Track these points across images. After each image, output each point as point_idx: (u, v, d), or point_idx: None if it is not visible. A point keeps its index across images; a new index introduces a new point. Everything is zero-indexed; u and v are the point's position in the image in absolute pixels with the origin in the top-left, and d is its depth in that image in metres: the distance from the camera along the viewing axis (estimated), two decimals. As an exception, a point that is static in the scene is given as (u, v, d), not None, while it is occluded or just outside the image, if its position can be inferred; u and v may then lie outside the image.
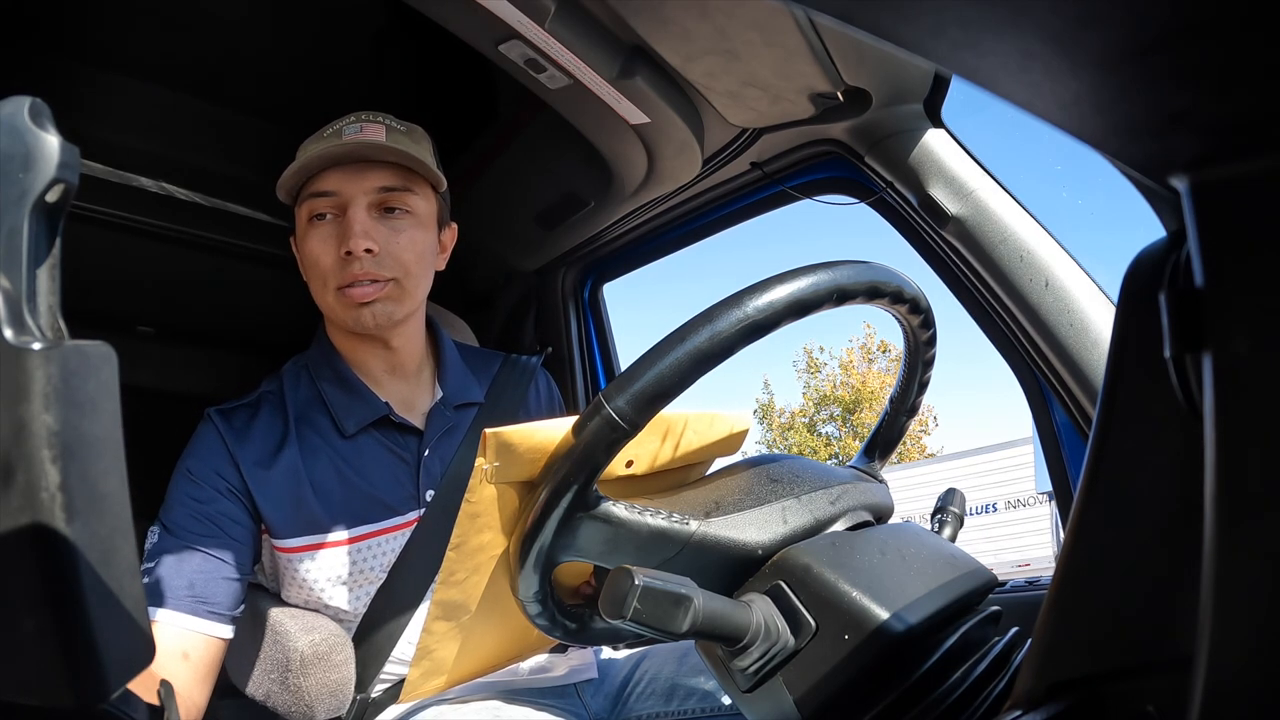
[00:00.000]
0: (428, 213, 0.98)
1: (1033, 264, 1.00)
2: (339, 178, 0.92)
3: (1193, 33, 0.23)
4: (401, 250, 0.94)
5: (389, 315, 0.94)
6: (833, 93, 1.02)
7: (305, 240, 0.95)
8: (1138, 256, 0.36)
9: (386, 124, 0.95)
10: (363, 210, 0.92)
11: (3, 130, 0.28)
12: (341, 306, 0.94)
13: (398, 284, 0.94)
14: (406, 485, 0.97)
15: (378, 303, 0.93)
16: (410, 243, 0.94)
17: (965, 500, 0.81)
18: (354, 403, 0.98)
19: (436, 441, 1.01)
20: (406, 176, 0.95)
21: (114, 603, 0.28)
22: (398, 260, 0.93)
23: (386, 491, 0.96)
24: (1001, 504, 11.95)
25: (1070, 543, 0.39)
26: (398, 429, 0.99)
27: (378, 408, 0.98)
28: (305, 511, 0.92)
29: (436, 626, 0.66)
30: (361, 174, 0.92)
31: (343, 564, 0.93)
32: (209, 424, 0.95)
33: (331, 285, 0.93)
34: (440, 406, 1.03)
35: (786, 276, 0.53)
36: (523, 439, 0.55)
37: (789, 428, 18.04)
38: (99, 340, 0.28)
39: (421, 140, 0.99)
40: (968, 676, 0.56)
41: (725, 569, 0.60)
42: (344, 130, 0.94)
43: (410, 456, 0.99)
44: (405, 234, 0.94)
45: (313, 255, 0.94)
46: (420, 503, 0.97)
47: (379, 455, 0.97)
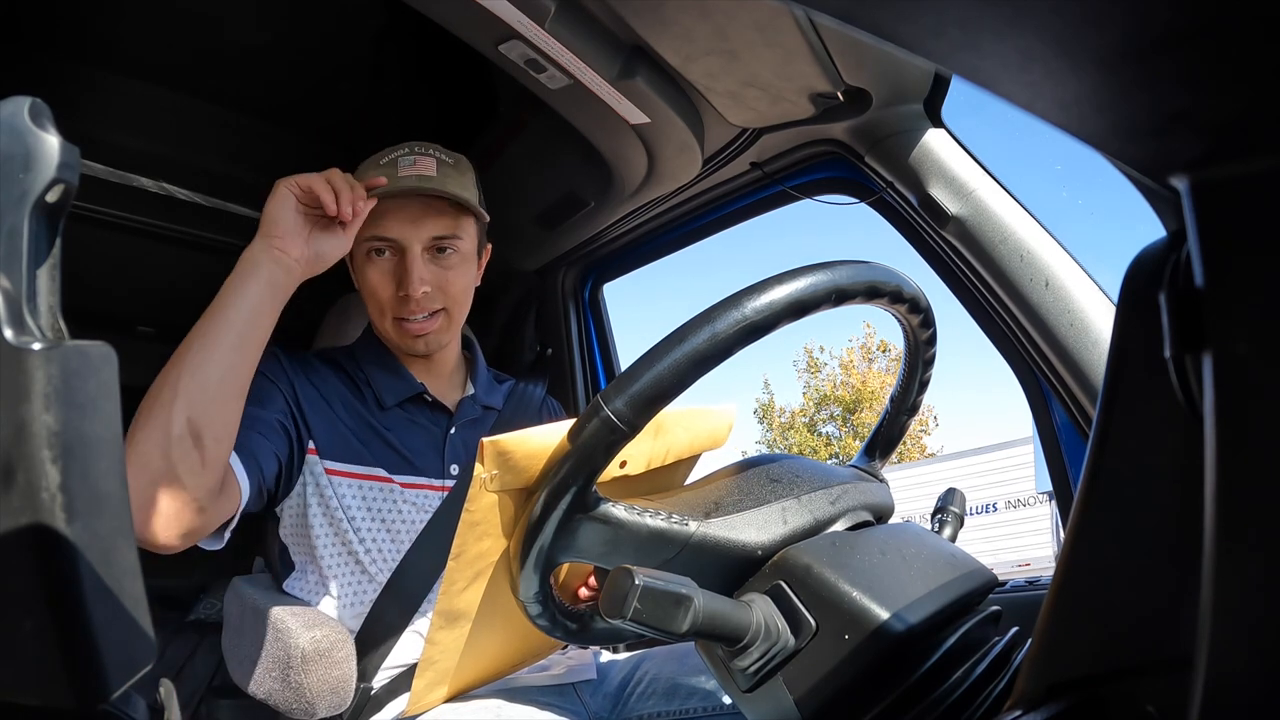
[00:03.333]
0: (472, 248, 1.09)
1: (1033, 264, 1.00)
2: (398, 225, 1.02)
3: (1193, 33, 0.23)
4: (451, 285, 1.06)
5: (440, 343, 1.08)
6: (833, 93, 1.02)
7: (363, 272, 1.05)
8: (1138, 256, 0.36)
9: (437, 157, 1.04)
10: (419, 257, 1.02)
11: (3, 130, 0.28)
12: (398, 335, 1.07)
13: (447, 314, 1.07)
14: (434, 455, 1.08)
15: (430, 335, 1.06)
16: (459, 278, 1.07)
17: (965, 500, 0.81)
18: (394, 381, 1.09)
19: (464, 424, 1.12)
20: (457, 221, 1.05)
21: (114, 603, 0.28)
22: (448, 294, 1.06)
23: (416, 455, 1.07)
24: (1001, 504, 11.95)
25: (1070, 543, 0.39)
26: (429, 406, 1.11)
27: (415, 385, 1.10)
28: (350, 443, 1.02)
29: (439, 637, 0.66)
30: (419, 223, 1.02)
31: (380, 500, 1.01)
32: (271, 351, 0.99)
33: (389, 315, 1.06)
34: (470, 400, 1.15)
35: (785, 277, 0.53)
36: (519, 446, 0.56)
37: (789, 427, 18.03)
38: (99, 340, 0.28)
39: (467, 171, 1.07)
40: (968, 676, 0.56)
41: (725, 569, 0.60)
42: (399, 161, 1.01)
43: (440, 431, 1.10)
44: (454, 270, 1.06)
45: (371, 286, 1.05)
46: (445, 473, 1.07)
47: (411, 426, 1.09)
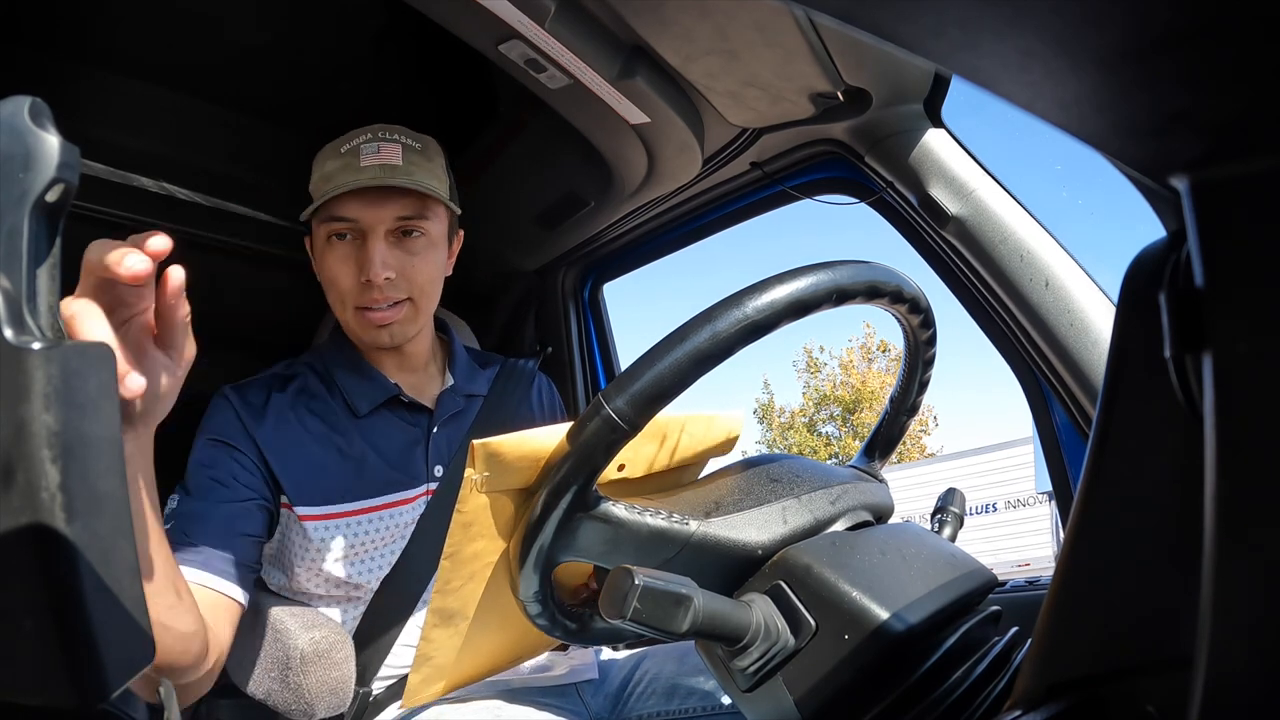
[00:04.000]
0: (440, 233, 1.02)
1: (1033, 264, 1.00)
2: (358, 206, 0.95)
3: (1193, 33, 0.23)
4: (417, 273, 0.98)
5: (405, 334, 1.00)
6: (833, 93, 1.02)
7: (324, 258, 0.99)
8: (1137, 256, 0.36)
9: (402, 142, 0.97)
10: (381, 240, 0.96)
11: (3, 130, 0.28)
12: (360, 326, 0.99)
13: (413, 303, 0.99)
14: (417, 460, 1.02)
15: (395, 325, 0.99)
16: (425, 264, 0.99)
17: (965, 500, 0.81)
18: (366, 385, 1.02)
19: (445, 421, 1.06)
20: (423, 203, 0.98)
21: (114, 603, 0.28)
22: (413, 282, 0.98)
23: (397, 464, 1.00)
24: (1001, 504, 11.95)
25: (1070, 543, 0.39)
26: (407, 408, 1.04)
27: (388, 388, 1.03)
28: (322, 481, 0.95)
29: (434, 634, 0.66)
30: (380, 204, 0.95)
31: (357, 534, 0.96)
32: (223, 400, 0.97)
33: (350, 305, 0.98)
34: (450, 392, 1.08)
35: (786, 276, 0.53)
36: (512, 448, 0.56)
37: (789, 427, 18.02)
38: (99, 340, 0.28)
39: (435, 156, 1.01)
40: (968, 676, 0.56)
41: (725, 569, 0.60)
42: (361, 150, 0.95)
43: (420, 432, 1.04)
44: (420, 256, 0.99)
45: (331, 274, 0.98)
46: (429, 477, 1.01)
47: (390, 431, 1.02)
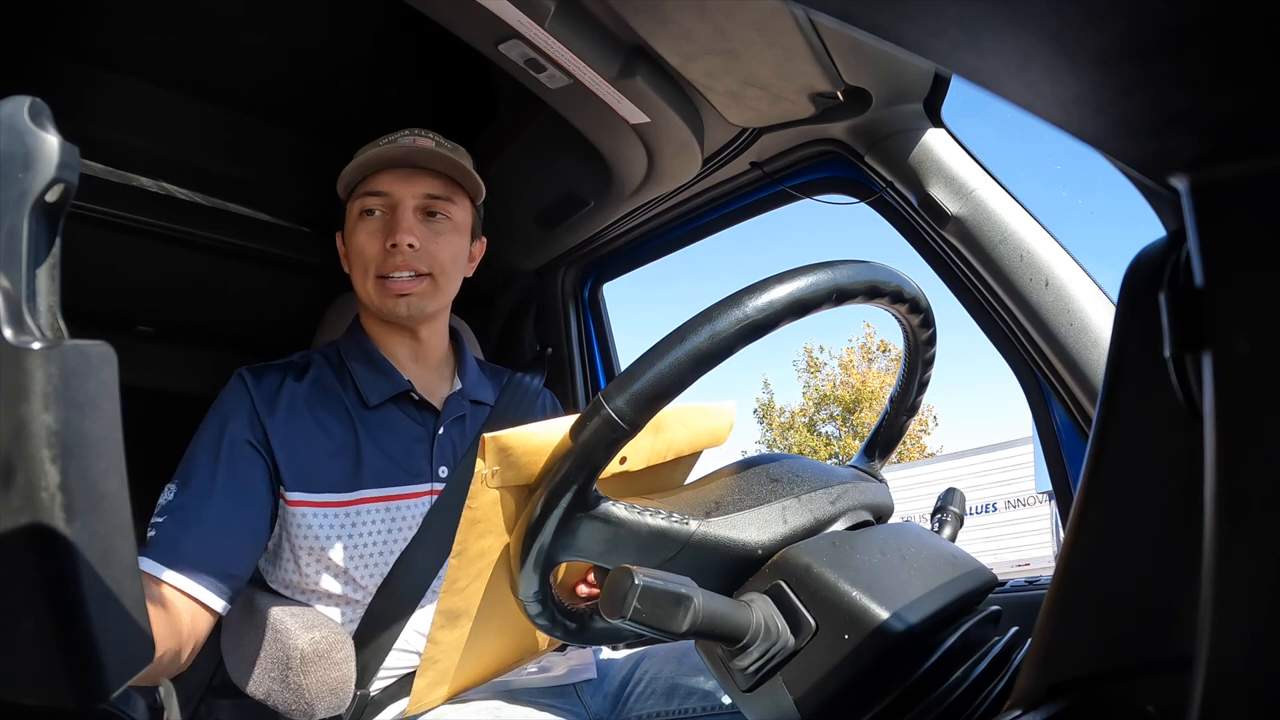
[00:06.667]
0: (464, 221, 1.10)
1: (1033, 264, 1.00)
2: (391, 180, 1.04)
3: (1193, 33, 0.23)
4: (440, 249, 1.05)
5: (421, 308, 1.05)
6: (833, 93, 1.02)
7: (354, 232, 1.06)
8: (1137, 256, 0.36)
9: (436, 140, 1.07)
10: (410, 211, 1.04)
11: (2, 130, 0.28)
12: (379, 295, 1.04)
13: (432, 280, 1.05)
14: (418, 457, 1.05)
15: (413, 296, 1.04)
16: (448, 244, 1.06)
17: (965, 500, 0.81)
18: (379, 378, 1.06)
19: (451, 423, 1.09)
20: (450, 187, 1.07)
21: (114, 603, 0.28)
22: (435, 258, 1.05)
23: (402, 459, 1.03)
24: (1001, 504, 11.95)
25: (1070, 543, 0.39)
26: (416, 405, 1.08)
27: (400, 383, 1.07)
28: (326, 470, 0.98)
29: (441, 636, 0.66)
30: (411, 179, 1.04)
31: (356, 525, 0.98)
32: (239, 381, 1.01)
33: (372, 273, 1.04)
34: (458, 395, 1.12)
35: (786, 276, 0.53)
36: (521, 442, 0.55)
37: (789, 427, 18.03)
38: (99, 340, 0.28)
39: (465, 159, 1.09)
40: (968, 676, 0.56)
41: (725, 569, 0.60)
42: (399, 139, 1.05)
43: (425, 431, 1.07)
44: (444, 236, 1.06)
45: (359, 245, 1.05)
46: (433, 476, 1.04)
47: (397, 426, 1.05)
